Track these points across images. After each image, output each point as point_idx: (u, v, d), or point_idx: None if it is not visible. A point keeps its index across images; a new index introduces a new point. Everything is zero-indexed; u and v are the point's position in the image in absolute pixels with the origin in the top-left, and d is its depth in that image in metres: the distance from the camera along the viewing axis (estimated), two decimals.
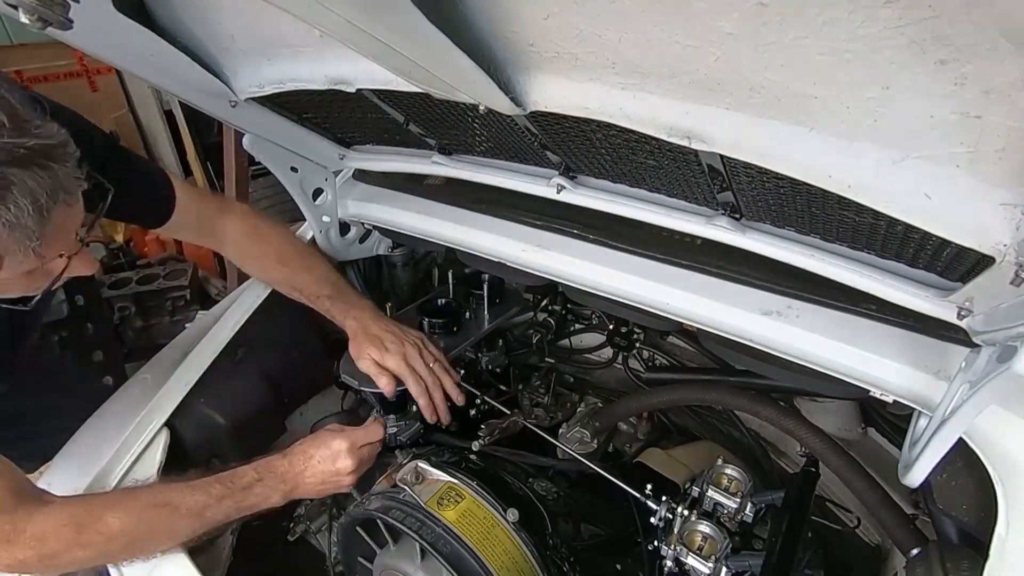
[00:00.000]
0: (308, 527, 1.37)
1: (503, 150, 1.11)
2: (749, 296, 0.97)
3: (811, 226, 0.86)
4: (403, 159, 1.33)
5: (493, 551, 0.95)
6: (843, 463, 0.98)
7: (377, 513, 0.99)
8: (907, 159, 0.58)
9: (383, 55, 0.67)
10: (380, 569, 1.06)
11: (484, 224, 1.28)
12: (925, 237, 0.68)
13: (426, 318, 1.35)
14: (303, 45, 0.91)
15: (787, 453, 1.40)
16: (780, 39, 0.49)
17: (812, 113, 0.59)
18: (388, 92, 0.95)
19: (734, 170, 0.78)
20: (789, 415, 1.05)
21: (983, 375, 0.67)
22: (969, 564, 0.74)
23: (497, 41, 0.68)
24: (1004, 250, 0.58)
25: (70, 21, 0.63)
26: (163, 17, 0.91)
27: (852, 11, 0.43)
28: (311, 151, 1.35)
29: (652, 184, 0.98)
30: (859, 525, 1.18)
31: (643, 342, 1.49)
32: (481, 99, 0.79)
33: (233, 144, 2.79)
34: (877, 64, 0.47)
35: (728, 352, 1.06)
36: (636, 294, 1.06)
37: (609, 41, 0.60)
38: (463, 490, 1.03)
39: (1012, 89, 0.43)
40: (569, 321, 1.67)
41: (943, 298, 0.77)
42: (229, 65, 1.03)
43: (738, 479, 1.02)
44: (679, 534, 0.95)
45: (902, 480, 0.79)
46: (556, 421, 1.41)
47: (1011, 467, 0.72)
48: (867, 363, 0.87)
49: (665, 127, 0.70)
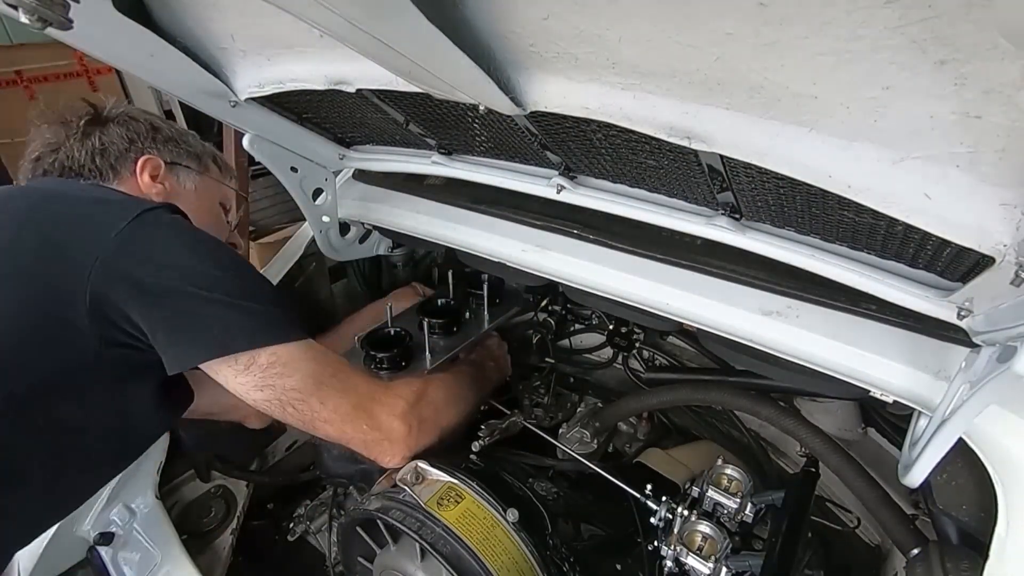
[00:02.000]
0: (308, 527, 1.37)
1: (503, 150, 1.11)
2: (749, 296, 0.97)
3: (811, 226, 0.86)
4: (403, 159, 1.33)
5: (493, 551, 0.95)
6: (843, 463, 0.98)
7: (377, 513, 0.99)
8: (907, 159, 0.58)
9: (383, 55, 0.67)
10: (380, 569, 1.06)
11: (484, 224, 1.28)
12: (925, 237, 0.68)
13: (426, 318, 1.35)
14: (303, 45, 0.91)
15: (787, 453, 1.40)
16: (780, 39, 0.49)
17: (812, 113, 0.59)
18: (388, 92, 0.95)
19: (734, 170, 0.78)
20: (789, 415, 1.05)
21: (983, 375, 0.67)
22: (969, 564, 0.74)
23: (497, 41, 0.68)
24: (1004, 250, 0.58)
25: (70, 21, 0.63)
26: (163, 17, 0.91)
27: (852, 11, 0.43)
28: (311, 151, 1.35)
29: (652, 184, 0.98)
30: (859, 525, 1.18)
31: (643, 342, 1.49)
32: (481, 99, 0.79)
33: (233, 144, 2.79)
34: (877, 64, 0.47)
35: (728, 352, 1.06)
36: (636, 294, 1.06)
37: (609, 41, 0.60)
38: (463, 490, 1.03)
39: (1012, 89, 0.43)
40: (569, 321, 1.67)
41: (943, 298, 0.77)
42: (229, 65, 1.03)
43: (738, 479, 1.02)
44: (679, 534, 0.95)
45: (902, 480, 0.79)
46: (556, 421, 1.41)
47: (1011, 467, 0.72)
48: (867, 363, 0.87)
49: (665, 127, 0.70)
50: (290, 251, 1.57)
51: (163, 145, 1.11)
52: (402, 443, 0.98)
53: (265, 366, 0.84)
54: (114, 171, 1.04)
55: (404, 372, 1.25)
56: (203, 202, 1.16)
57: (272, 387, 0.85)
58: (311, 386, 0.88)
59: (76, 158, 1.02)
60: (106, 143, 1.04)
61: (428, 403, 1.05)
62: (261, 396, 0.85)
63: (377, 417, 0.95)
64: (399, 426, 0.97)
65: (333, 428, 0.92)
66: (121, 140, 1.05)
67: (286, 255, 1.57)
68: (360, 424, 0.93)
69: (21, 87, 3.80)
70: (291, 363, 0.86)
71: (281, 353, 0.85)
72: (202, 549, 1.21)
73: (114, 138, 1.05)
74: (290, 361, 0.86)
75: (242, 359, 0.83)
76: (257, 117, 1.17)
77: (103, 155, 1.03)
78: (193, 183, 1.15)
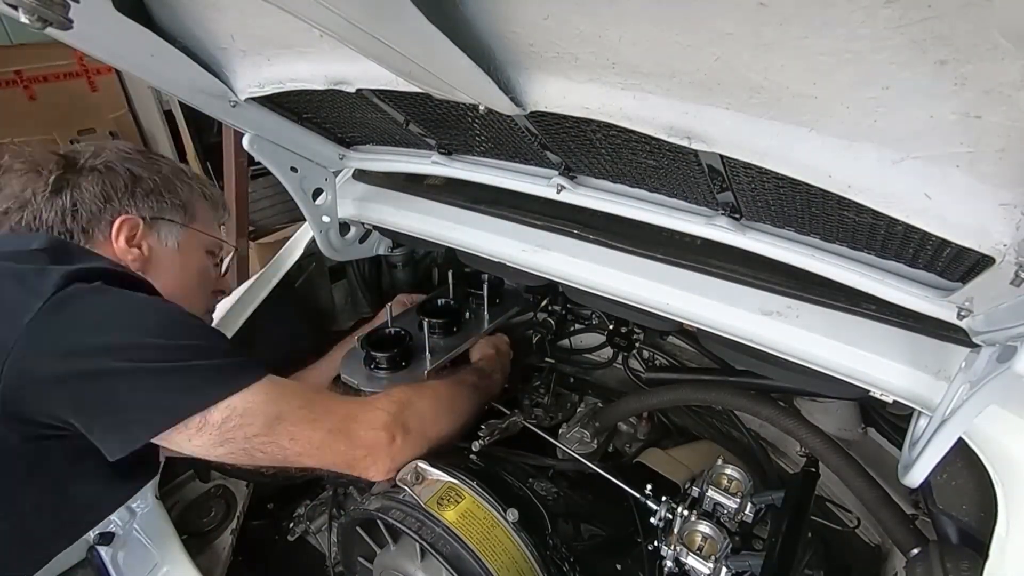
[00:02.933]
0: (308, 527, 1.37)
1: (503, 150, 1.11)
2: (749, 296, 0.97)
3: (811, 226, 0.86)
4: (403, 159, 1.33)
5: (493, 551, 0.95)
6: (843, 463, 0.98)
7: (377, 513, 0.99)
8: (907, 159, 0.58)
9: (383, 55, 0.67)
10: (380, 569, 1.06)
11: (484, 224, 1.28)
12: (925, 237, 0.68)
13: (426, 318, 1.35)
14: (303, 45, 0.91)
15: (787, 453, 1.40)
16: (780, 39, 0.49)
17: (812, 113, 0.59)
18: (388, 92, 0.95)
19: (734, 170, 0.78)
20: (789, 415, 1.05)
21: (983, 375, 0.67)
22: (969, 564, 0.74)
23: (497, 41, 0.68)
24: (1004, 250, 0.58)
25: (70, 21, 0.63)
26: (163, 17, 0.91)
27: (852, 11, 0.43)
28: (311, 151, 1.35)
29: (652, 184, 0.98)
30: (859, 525, 1.18)
31: (643, 342, 1.49)
32: (481, 99, 0.79)
33: (233, 144, 2.80)
34: (877, 64, 0.47)
35: (728, 352, 1.06)
36: (636, 294, 1.06)
37: (609, 41, 0.60)
38: (463, 490, 1.03)
39: (1012, 89, 0.43)
40: (569, 321, 1.67)
41: (943, 298, 0.77)
42: (229, 65, 1.03)
43: (738, 479, 1.02)
44: (679, 534, 0.95)
45: (902, 480, 0.79)
46: (556, 421, 1.41)
47: (1011, 467, 0.72)
48: (867, 363, 0.87)
49: (665, 127, 0.70)
50: (290, 251, 1.57)
51: (143, 200, 1.01)
52: (384, 454, 0.94)
53: (220, 422, 0.78)
54: (86, 234, 0.96)
55: (404, 372, 1.25)
56: (188, 259, 1.09)
57: (232, 440, 0.79)
58: (275, 427, 0.82)
59: (45, 219, 0.93)
60: (77, 201, 0.95)
61: (413, 413, 1.01)
62: (224, 451, 0.80)
63: (355, 435, 0.91)
64: (380, 437, 0.93)
65: (311, 459, 0.88)
66: (95, 200, 0.96)
67: (286, 255, 1.57)
68: (338, 447, 0.90)
69: (21, 87, 3.81)
70: (248, 411, 0.80)
71: (236, 404, 0.79)
72: (202, 549, 1.21)
73: (86, 196, 0.96)
74: (247, 410, 0.80)
75: (192, 422, 0.76)
76: (257, 117, 1.17)
77: (74, 216, 0.95)
78: (176, 239, 1.06)
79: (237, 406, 0.79)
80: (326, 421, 0.89)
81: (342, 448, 0.90)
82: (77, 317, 0.76)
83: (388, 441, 0.94)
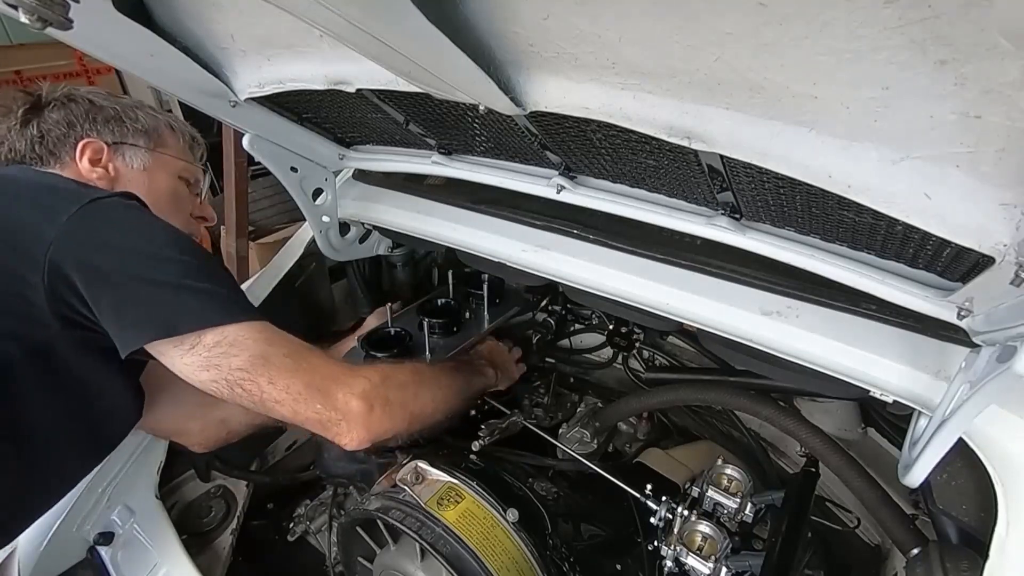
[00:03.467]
0: (308, 527, 1.37)
1: (503, 150, 1.11)
2: (749, 296, 0.97)
3: (811, 226, 0.86)
4: (403, 159, 1.33)
5: (493, 551, 0.95)
6: (843, 463, 0.98)
7: (377, 513, 0.99)
8: (907, 159, 0.58)
9: (383, 55, 0.67)
10: (380, 569, 1.07)
11: (484, 224, 1.28)
12: (925, 237, 0.68)
13: (426, 318, 1.35)
14: (303, 45, 0.91)
15: (787, 453, 1.40)
16: (780, 39, 0.49)
17: (812, 113, 0.59)
18: (388, 92, 0.95)
19: (734, 170, 0.78)
20: (789, 415, 1.05)
21: (983, 375, 0.67)
22: (969, 564, 0.74)
23: (497, 41, 0.68)
24: (1004, 250, 0.58)
25: (70, 21, 0.63)
26: (163, 17, 0.91)
27: (852, 11, 0.43)
28: (311, 151, 1.35)
29: (652, 184, 0.98)
30: (859, 525, 1.18)
31: (643, 342, 1.49)
32: (481, 99, 0.79)
33: (233, 144, 2.80)
34: (877, 64, 0.47)
35: (728, 352, 1.06)
36: (636, 294, 1.06)
37: (609, 41, 0.60)
38: (463, 490, 1.03)
39: (1012, 89, 0.43)
40: (569, 321, 1.67)
41: (943, 298, 0.77)
42: (229, 65, 1.03)
43: (738, 479, 1.02)
44: (679, 534, 0.95)
45: (902, 480, 0.79)
46: (556, 421, 1.41)
47: (1011, 467, 0.72)
48: (867, 363, 0.87)
49: (665, 127, 0.70)
50: (290, 251, 1.57)
51: (104, 125, 1.08)
52: (360, 423, 0.93)
53: (211, 345, 0.83)
54: (54, 157, 1.04)
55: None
56: (157, 181, 1.13)
57: (217, 367, 0.83)
58: (259, 365, 0.85)
59: (18, 149, 1.02)
60: (44, 130, 1.03)
61: (396, 385, 1.00)
62: (207, 376, 0.84)
63: (333, 396, 0.91)
64: (358, 405, 0.92)
65: (285, 408, 0.88)
66: (59, 126, 1.04)
67: (286, 255, 1.57)
68: (313, 404, 0.89)
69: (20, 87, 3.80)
70: (237, 342, 0.84)
71: (228, 332, 0.84)
72: (202, 549, 1.21)
73: (51, 124, 1.04)
74: (237, 340, 0.84)
75: (188, 340, 0.82)
76: (257, 117, 1.17)
77: (42, 142, 1.03)
78: (142, 162, 1.11)
79: (229, 334, 0.84)
80: (308, 375, 0.90)
81: (318, 406, 0.90)
82: (109, 219, 0.86)
83: (366, 410, 0.93)
